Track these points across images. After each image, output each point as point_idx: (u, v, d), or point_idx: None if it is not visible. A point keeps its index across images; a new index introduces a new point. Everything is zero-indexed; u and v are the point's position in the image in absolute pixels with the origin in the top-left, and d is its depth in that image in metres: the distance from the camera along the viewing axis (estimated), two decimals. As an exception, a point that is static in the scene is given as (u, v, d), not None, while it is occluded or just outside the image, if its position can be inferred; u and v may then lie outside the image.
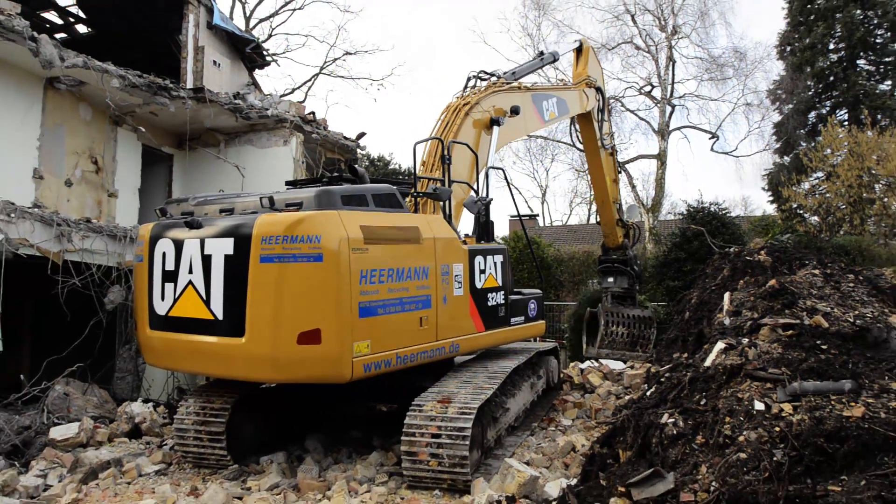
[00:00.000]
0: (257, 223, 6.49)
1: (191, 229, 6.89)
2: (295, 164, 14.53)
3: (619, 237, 15.11)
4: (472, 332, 8.20)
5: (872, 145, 20.19)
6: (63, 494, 6.65)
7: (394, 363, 6.89)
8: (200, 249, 6.79)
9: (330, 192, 6.73)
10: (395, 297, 6.93)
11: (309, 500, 6.40)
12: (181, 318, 6.94)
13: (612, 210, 14.68)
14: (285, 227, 6.35)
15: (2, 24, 10.11)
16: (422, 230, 7.44)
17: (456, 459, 6.33)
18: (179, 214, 7.34)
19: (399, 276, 6.98)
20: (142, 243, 7.43)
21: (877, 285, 8.37)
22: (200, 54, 15.49)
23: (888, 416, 4.23)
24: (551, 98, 11.60)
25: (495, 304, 8.68)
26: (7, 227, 9.45)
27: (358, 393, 8.37)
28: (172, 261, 7.01)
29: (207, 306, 6.71)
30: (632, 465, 5.01)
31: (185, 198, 7.75)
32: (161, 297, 7.10)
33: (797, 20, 31.16)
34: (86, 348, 10.72)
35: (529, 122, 11.03)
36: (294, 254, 6.30)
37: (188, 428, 7.54)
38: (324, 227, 6.38)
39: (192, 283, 6.84)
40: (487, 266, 8.53)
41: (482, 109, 9.68)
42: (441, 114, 9.50)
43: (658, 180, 32.26)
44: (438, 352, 7.56)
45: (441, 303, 7.59)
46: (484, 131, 9.68)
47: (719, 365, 5.70)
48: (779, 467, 3.88)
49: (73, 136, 12.63)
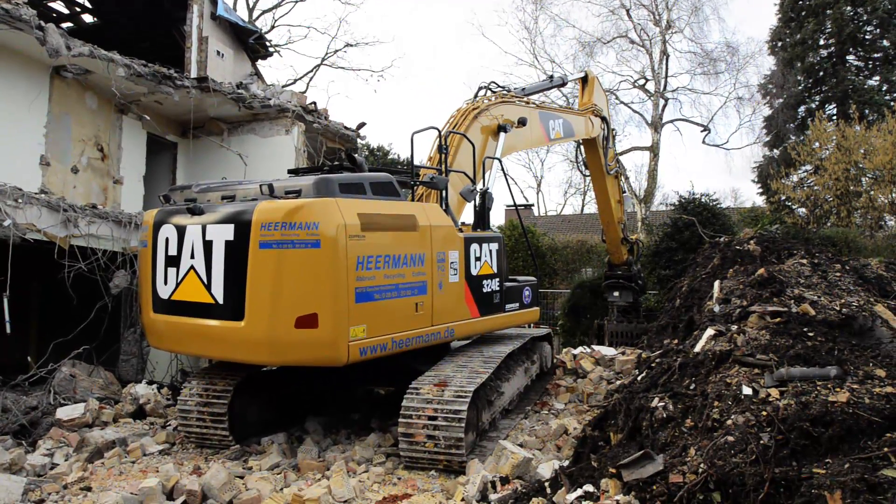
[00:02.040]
0: (257, 210, 6.49)
1: (193, 216, 6.90)
2: (296, 153, 14.48)
3: (623, 254, 15.44)
4: (467, 317, 8.21)
5: (860, 139, 20.18)
6: (69, 473, 6.66)
7: (389, 347, 6.91)
8: (202, 235, 6.80)
9: (328, 180, 6.72)
10: (392, 283, 6.94)
11: (308, 479, 6.41)
12: (183, 302, 6.97)
13: (617, 230, 14.88)
14: (284, 214, 6.36)
15: (9, 12, 10.03)
16: (418, 218, 7.44)
17: (452, 441, 6.35)
18: (183, 201, 7.32)
19: (395, 263, 6.99)
20: (146, 229, 7.44)
21: (863, 275, 8.38)
22: (204, 45, 15.39)
23: (872, 401, 4.24)
24: (558, 119, 11.74)
25: (490, 290, 8.68)
26: (15, 212, 9.42)
27: (356, 376, 8.38)
28: (175, 246, 7.03)
29: (208, 290, 6.73)
30: (622, 448, 5.02)
31: (189, 185, 7.74)
32: (164, 281, 7.13)
33: (788, 16, 31.07)
34: (91, 331, 10.72)
35: (535, 137, 11.09)
36: (293, 240, 6.31)
37: (191, 409, 7.55)
38: (322, 214, 6.39)
39: (193, 267, 6.86)
40: (483, 254, 8.53)
41: (491, 116, 9.73)
42: (450, 116, 9.56)
43: (651, 172, 32.27)
44: (434, 336, 7.58)
45: (437, 289, 7.60)
46: (491, 137, 9.75)
47: (709, 351, 5.71)
48: (765, 450, 3.88)
49: (80, 123, 12.57)
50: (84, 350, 10.39)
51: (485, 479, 5.76)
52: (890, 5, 28.73)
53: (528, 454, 6.33)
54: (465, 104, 9.84)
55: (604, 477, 4.42)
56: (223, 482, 5.98)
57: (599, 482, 4.42)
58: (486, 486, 5.70)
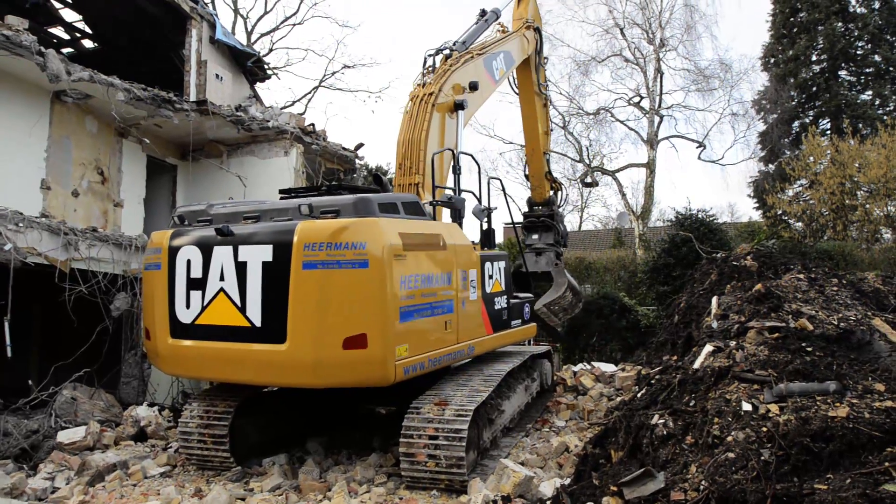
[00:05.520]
0: (299, 230, 6.34)
1: (221, 236, 6.70)
2: (295, 174, 14.52)
3: (546, 190, 14.12)
4: (484, 334, 8.21)
5: (854, 153, 20.29)
6: (70, 496, 6.62)
7: (426, 366, 6.83)
8: (234, 256, 6.61)
9: (367, 200, 6.60)
10: (427, 302, 6.86)
11: (310, 500, 6.37)
12: (211, 326, 6.73)
13: (542, 160, 13.89)
14: (330, 234, 6.21)
15: (10, 39, 10.10)
16: (445, 237, 7.42)
17: (453, 460, 6.30)
18: (196, 222, 7.20)
19: (428, 282, 6.92)
20: (158, 251, 7.16)
21: (860, 289, 8.39)
22: (203, 68, 15.48)
23: (872, 416, 4.23)
24: (499, 55, 11.00)
25: (500, 308, 8.71)
26: (16, 236, 9.42)
27: (357, 396, 8.35)
28: (199, 268, 6.80)
29: (242, 313, 6.53)
30: (623, 465, 5.00)
31: (202, 205, 7.54)
32: (186, 304, 6.88)
33: (781, 33, 31.33)
34: (92, 354, 10.68)
35: (485, 90, 10.48)
36: (339, 260, 6.16)
37: (192, 431, 7.48)
38: (368, 234, 6.27)
39: (223, 290, 6.65)
40: (494, 272, 8.55)
41: (444, 94, 9.19)
42: (407, 104, 9.05)
43: (647, 188, 32.33)
44: (459, 354, 7.55)
45: (461, 307, 7.55)
46: (448, 115, 9.27)
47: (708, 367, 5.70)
48: (766, 466, 3.87)
49: (80, 147, 12.61)
50: (85, 373, 10.35)
51: (486, 499, 5.73)
52: (881, 21, 28.98)
53: (530, 472, 6.29)
54: (416, 87, 9.28)
55: (605, 495, 4.40)
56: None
57: (601, 500, 4.40)
58: (488, 505, 5.67)
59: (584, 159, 35.65)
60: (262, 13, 42.29)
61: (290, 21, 34.96)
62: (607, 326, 16.84)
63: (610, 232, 37.45)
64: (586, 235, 41.48)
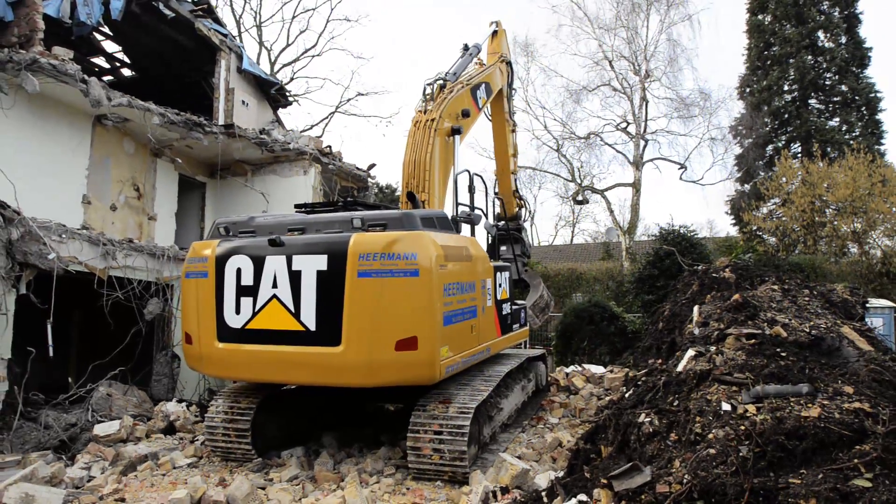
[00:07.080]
0: (353, 241, 6.37)
1: (273, 246, 6.68)
2: (313, 192, 14.57)
3: (514, 205, 14.13)
4: (496, 337, 8.24)
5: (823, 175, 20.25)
6: (105, 485, 6.59)
7: (460, 365, 6.86)
8: (287, 265, 6.59)
9: (412, 216, 6.66)
10: (460, 308, 6.89)
11: (325, 490, 6.34)
12: (263, 331, 6.68)
13: (511, 180, 13.93)
14: (383, 246, 6.26)
15: (56, 68, 10.17)
16: (470, 249, 7.48)
17: (456, 454, 6.29)
18: (240, 233, 7.16)
19: (461, 290, 6.95)
20: (205, 260, 7.08)
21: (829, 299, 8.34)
22: (231, 95, 15.56)
23: (842, 416, 4.19)
24: (482, 85, 11.14)
25: (506, 313, 8.78)
26: (59, 246, 9.45)
27: (368, 394, 8.33)
28: (251, 276, 6.75)
29: (297, 318, 6.50)
30: (613, 460, 4.96)
31: (242, 217, 7.52)
32: (235, 310, 6.81)
33: (755, 65, 31.34)
34: (127, 354, 10.70)
35: (473, 117, 10.56)
36: (391, 269, 6.20)
37: (217, 425, 7.48)
38: (418, 245, 6.32)
39: (276, 296, 6.62)
40: (502, 280, 8.60)
41: (444, 120, 9.23)
42: (411, 128, 9.05)
43: (633, 206, 32.26)
44: (480, 355, 7.58)
45: (482, 312, 7.60)
46: (447, 139, 9.31)
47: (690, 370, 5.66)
48: (744, 462, 3.83)
49: (118, 166, 12.66)
50: (120, 371, 10.35)
51: (486, 489, 5.70)
52: (847, 54, 29.00)
53: (526, 466, 6.26)
54: (417, 112, 9.33)
55: (596, 487, 4.36)
56: (246, 493, 5.92)
57: (592, 492, 4.36)
58: (488, 495, 5.64)
59: (575, 179, 35.64)
60: (284, 46, 42.71)
61: (309, 53, 35.18)
62: (597, 332, 16.76)
63: (599, 245, 37.37)
64: (577, 249, 41.36)
